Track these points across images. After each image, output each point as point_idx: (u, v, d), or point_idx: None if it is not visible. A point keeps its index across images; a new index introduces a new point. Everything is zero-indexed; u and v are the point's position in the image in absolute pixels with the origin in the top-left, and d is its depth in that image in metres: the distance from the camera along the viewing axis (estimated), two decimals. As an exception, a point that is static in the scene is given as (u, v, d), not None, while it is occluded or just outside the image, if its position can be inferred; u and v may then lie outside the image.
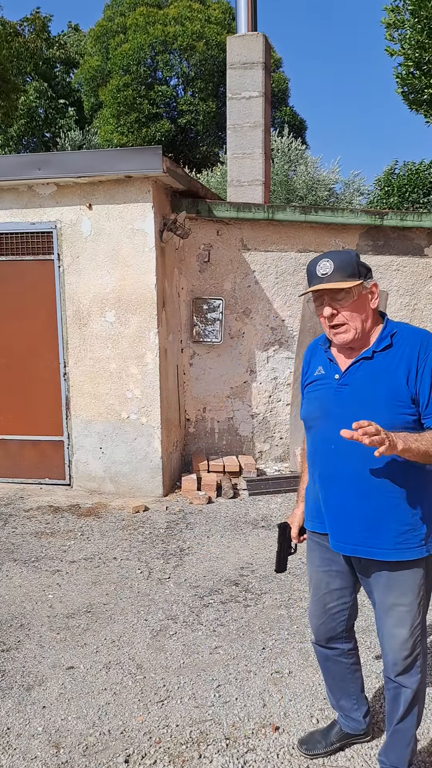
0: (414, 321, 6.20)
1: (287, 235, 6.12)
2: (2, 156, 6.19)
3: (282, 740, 2.48)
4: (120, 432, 5.55)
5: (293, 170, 15.69)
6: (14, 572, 4.08)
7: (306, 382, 2.15)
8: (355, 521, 1.97)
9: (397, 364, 1.92)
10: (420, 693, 2.08)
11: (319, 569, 2.19)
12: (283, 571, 2.33)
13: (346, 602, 2.18)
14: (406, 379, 1.90)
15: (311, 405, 2.09)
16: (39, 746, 2.48)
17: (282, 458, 6.41)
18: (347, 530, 1.99)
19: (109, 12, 24.34)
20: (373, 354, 1.96)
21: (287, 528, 2.30)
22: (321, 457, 2.04)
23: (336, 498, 2.00)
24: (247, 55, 7.31)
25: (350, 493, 1.96)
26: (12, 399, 5.79)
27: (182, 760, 2.39)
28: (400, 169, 14.45)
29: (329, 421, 1.99)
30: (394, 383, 1.90)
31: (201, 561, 4.22)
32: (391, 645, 2.04)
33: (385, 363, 1.94)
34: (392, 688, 2.09)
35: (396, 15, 9.99)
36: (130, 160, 5.03)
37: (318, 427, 2.05)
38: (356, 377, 1.96)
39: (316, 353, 2.14)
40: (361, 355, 1.97)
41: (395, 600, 1.99)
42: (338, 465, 1.97)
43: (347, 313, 1.93)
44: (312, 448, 2.10)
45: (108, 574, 4.02)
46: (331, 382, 2.02)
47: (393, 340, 1.96)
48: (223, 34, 20.99)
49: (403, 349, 1.94)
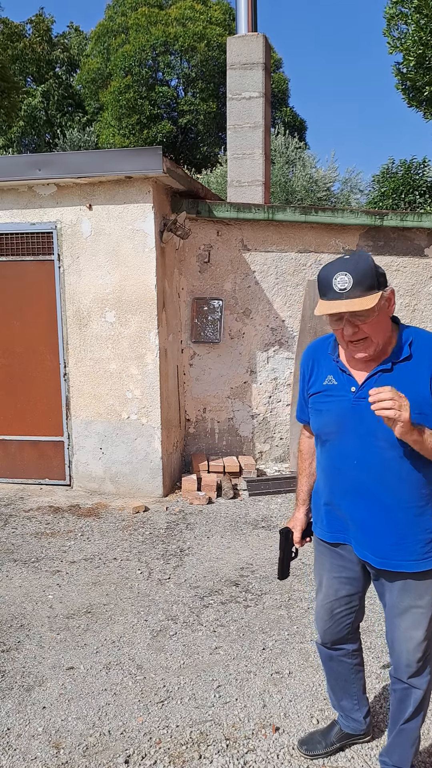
0: (414, 321, 6.20)
1: (287, 236, 6.12)
2: (2, 156, 6.19)
3: (282, 741, 2.48)
4: (120, 432, 5.55)
5: (292, 171, 15.69)
6: (14, 573, 4.08)
7: (312, 390, 2.06)
8: (382, 534, 1.94)
9: (418, 376, 1.85)
10: (429, 693, 2.08)
11: (329, 574, 2.16)
12: (286, 578, 2.31)
13: (353, 607, 2.17)
14: (429, 393, 1.83)
15: (325, 418, 2.00)
16: (39, 747, 2.48)
17: (282, 458, 6.41)
18: (375, 543, 1.96)
19: (111, 12, 24.36)
20: (393, 365, 1.87)
21: (289, 533, 2.28)
22: (342, 472, 1.99)
23: (362, 512, 1.96)
24: (247, 55, 7.32)
25: (376, 507, 1.92)
26: (12, 399, 5.79)
27: (182, 760, 2.39)
28: (396, 168, 14.38)
29: (348, 436, 1.93)
30: (416, 395, 1.82)
31: (201, 561, 4.22)
32: (405, 647, 2.01)
33: (405, 374, 1.86)
34: (401, 689, 2.08)
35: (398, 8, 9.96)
36: (131, 161, 5.03)
37: (335, 441, 1.99)
38: None
39: (323, 360, 2.05)
40: (379, 366, 1.89)
41: (411, 602, 1.97)
42: (362, 479, 1.92)
43: (369, 328, 1.83)
44: (329, 463, 2.04)
45: (108, 575, 4.02)
46: (346, 394, 1.93)
47: (411, 349, 1.87)
48: (224, 35, 21.00)
49: (423, 359, 1.86)
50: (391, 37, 11.85)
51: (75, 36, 29.32)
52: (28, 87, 25.46)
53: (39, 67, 25.60)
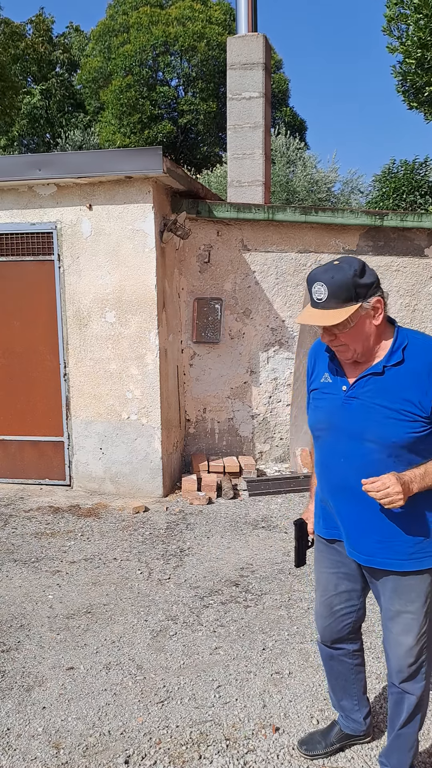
0: (414, 321, 6.20)
1: (287, 236, 6.12)
2: (3, 156, 6.19)
3: (282, 741, 2.48)
4: (120, 432, 5.55)
5: (292, 171, 15.69)
6: (14, 573, 4.08)
7: (312, 386, 2.10)
8: (369, 533, 1.95)
9: (409, 380, 1.85)
10: (423, 699, 2.08)
11: (327, 571, 2.17)
12: (303, 565, 2.34)
13: (353, 605, 2.17)
14: (420, 397, 1.83)
15: (317, 415, 2.04)
16: (39, 747, 2.48)
17: (282, 459, 6.41)
18: (362, 541, 1.97)
19: (112, 11, 24.37)
20: (384, 369, 1.88)
21: (303, 524, 2.32)
22: (331, 469, 2.01)
23: (349, 510, 1.98)
24: (248, 55, 7.32)
25: (363, 506, 1.93)
26: (12, 399, 5.79)
27: (182, 760, 2.39)
28: (396, 169, 14.37)
29: (337, 434, 1.95)
30: (405, 400, 1.84)
31: (201, 562, 4.22)
32: (396, 652, 2.02)
33: (396, 378, 1.87)
34: (396, 693, 2.08)
35: (398, 9, 9.95)
36: (131, 161, 5.03)
37: (325, 439, 2.01)
38: (365, 391, 1.90)
39: (321, 357, 2.08)
40: (369, 369, 1.90)
41: (402, 607, 1.98)
42: (349, 478, 1.94)
43: (346, 338, 1.85)
44: (321, 459, 2.07)
45: (108, 575, 4.02)
46: (338, 393, 1.96)
47: (405, 354, 1.88)
48: (224, 35, 21.01)
49: (414, 365, 1.86)
50: (392, 35, 11.82)
51: (75, 36, 29.33)
52: (29, 87, 25.46)
53: (40, 67, 25.61)
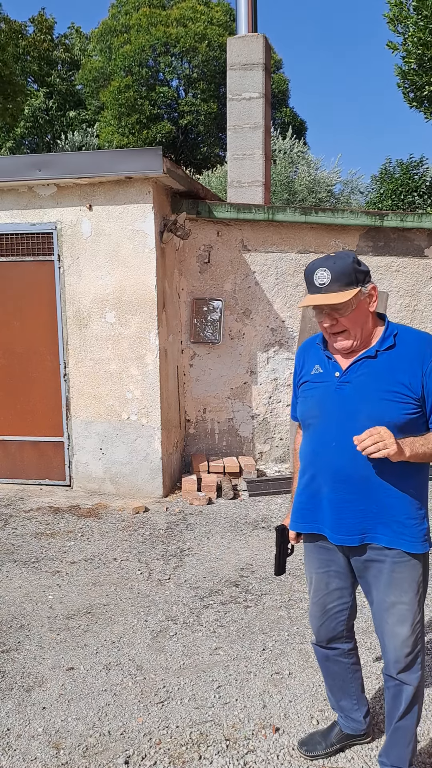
0: (414, 321, 6.20)
1: (287, 236, 6.12)
2: (3, 157, 6.19)
3: (282, 741, 2.48)
4: (120, 433, 5.55)
5: (294, 171, 15.68)
6: (14, 573, 4.08)
7: (301, 381, 2.16)
8: (359, 515, 1.98)
9: (401, 364, 1.94)
10: (420, 690, 2.10)
11: (318, 570, 2.19)
12: (282, 574, 2.35)
13: (345, 602, 2.19)
14: (411, 380, 1.92)
15: (308, 403, 2.10)
16: (39, 747, 2.48)
17: (282, 459, 6.41)
18: (352, 523, 2.00)
19: (114, 10, 24.37)
20: (377, 353, 1.97)
21: (285, 530, 2.31)
22: (321, 455, 2.05)
23: (340, 494, 2.01)
24: (248, 56, 7.32)
25: (354, 489, 1.97)
26: (12, 400, 5.79)
27: (182, 761, 2.39)
28: (393, 169, 14.33)
29: (329, 419, 2.01)
30: (398, 382, 1.92)
31: (201, 562, 4.22)
32: (392, 643, 2.05)
33: (388, 362, 1.96)
34: (393, 686, 2.10)
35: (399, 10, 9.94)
36: (131, 161, 5.03)
37: (317, 425, 2.06)
38: (358, 375, 1.98)
39: (312, 351, 2.15)
40: (364, 353, 1.99)
41: (396, 598, 2.01)
42: (340, 462, 1.98)
43: (347, 321, 1.95)
44: (311, 447, 2.10)
45: (108, 575, 4.02)
46: (331, 380, 2.03)
47: (396, 340, 1.98)
48: (224, 36, 21.00)
49: (407, 350, 1.96)
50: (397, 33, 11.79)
51: (76, 37, 29.33)
52: (30, 87, 25.44)
53: (41, 67, 25.59)
